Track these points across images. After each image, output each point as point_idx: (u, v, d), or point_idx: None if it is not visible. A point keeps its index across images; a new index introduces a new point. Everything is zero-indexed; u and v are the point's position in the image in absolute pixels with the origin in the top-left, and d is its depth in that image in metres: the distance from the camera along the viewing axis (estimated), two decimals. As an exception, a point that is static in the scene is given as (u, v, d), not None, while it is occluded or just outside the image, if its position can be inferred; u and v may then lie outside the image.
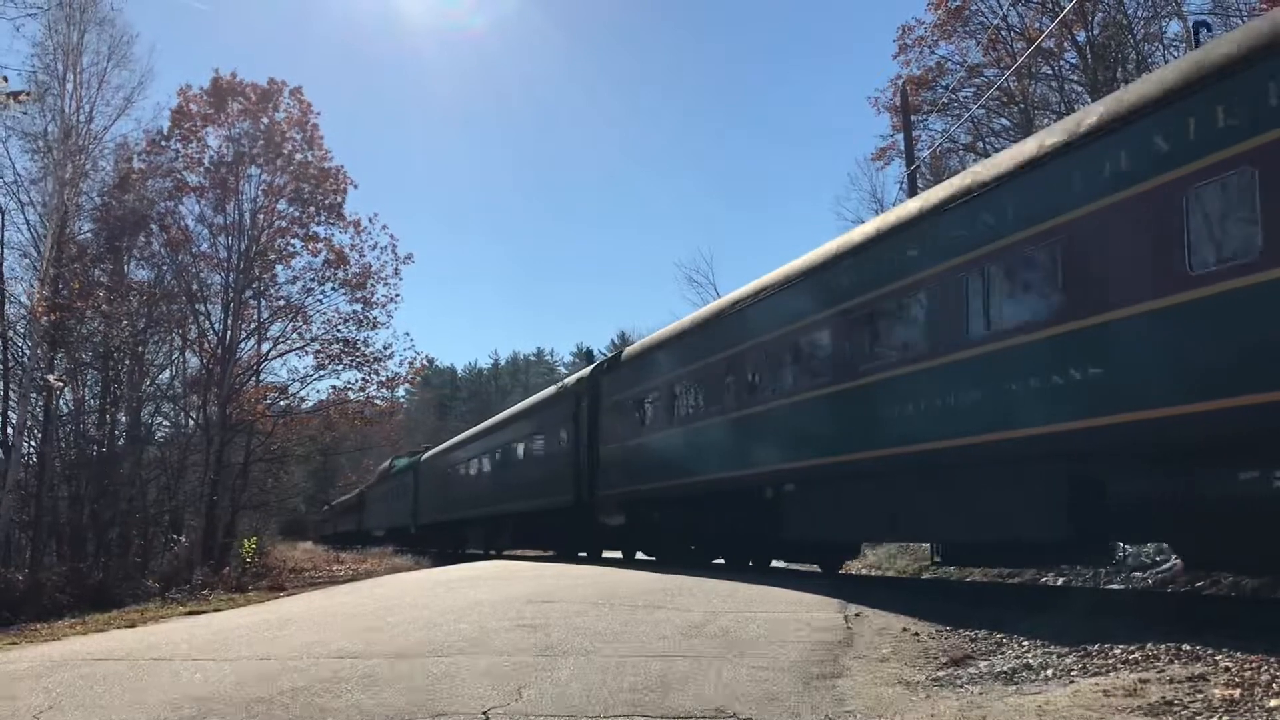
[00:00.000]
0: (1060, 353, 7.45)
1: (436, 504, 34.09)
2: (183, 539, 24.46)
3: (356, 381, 30.73)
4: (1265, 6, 17.50)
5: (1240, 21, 18.85)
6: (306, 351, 30.86)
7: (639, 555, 18.95)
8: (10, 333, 22.55)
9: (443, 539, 33.54)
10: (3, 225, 22.74)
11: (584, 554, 20.79)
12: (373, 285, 30.83)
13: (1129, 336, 6.90)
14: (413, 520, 37.55)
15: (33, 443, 23.49)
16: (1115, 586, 10.94)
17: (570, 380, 21.54)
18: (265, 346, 31.22)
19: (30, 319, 22.14)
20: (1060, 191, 7.50)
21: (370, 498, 50.02)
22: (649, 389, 16.04)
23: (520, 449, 24.29)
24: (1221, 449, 6.56)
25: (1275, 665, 4.68)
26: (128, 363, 26.60)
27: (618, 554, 20.03)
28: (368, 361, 30.40)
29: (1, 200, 23.04)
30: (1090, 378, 7.19)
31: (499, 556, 24.62)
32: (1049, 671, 5.23)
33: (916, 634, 6.77)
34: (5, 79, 14.21)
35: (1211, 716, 4.03)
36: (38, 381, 21.89)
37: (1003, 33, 24.98)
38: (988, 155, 21.85)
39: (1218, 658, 5.00)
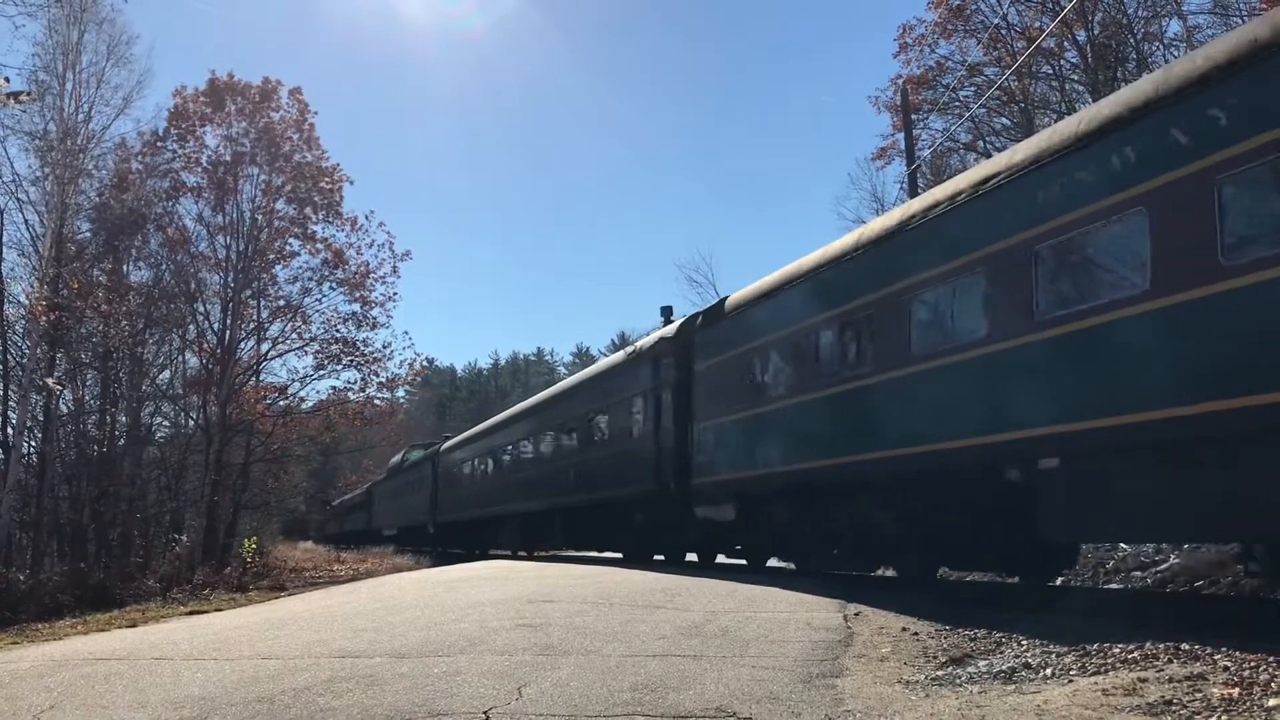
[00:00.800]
0: None
1: (460, 499, 30.55)
2: (183, 539, 24.48)
3: (356, 382, 30.87)
4: (1265, 6, 17.51)
5: (1240, 21, 18.86)
6: (306, 351, 31.00)
7: (722, 559, 15.11)
8: (10, 333, 22.57)
9: (467, 538, 30.58)
10: (1, 225, 22.77)
11: (660, 557, 16.81)
12: (371, 284, 30.98)
13: None
14: (430, 518, 34.34)
15: (33, 443, 23.53)
16: (1114, 586, 10.94)
17: (647, 342, 17.15)
18: (265, 346, 31.36)
19: (30, 319, 22.16)
20: None
21: (379, 494, 46.43)
22: (776, 342, 12.18)
23: (575, 430, 20.14)
24: None
25: (1274, 664, 4.69)
26: (127, 363, 26.63)
27: (722, 559, 15.42)
28: (367, 362, 30.52)
29: (1, 200, 23.07)
30: None
31: (535, 558, 21.59)
32: (1048, 671, 5.24)
33: (916, 633, 6.79)
34: (7, 80, 14.20)
35: (1211, 716, 4.04)
36: (38, 382, 21.90)
37: (1003, 32, 25.02)
38: (989, 155, 21.90)
39: (1217, 657, 5.01)
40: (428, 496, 34.81)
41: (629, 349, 18.42)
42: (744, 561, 14.30)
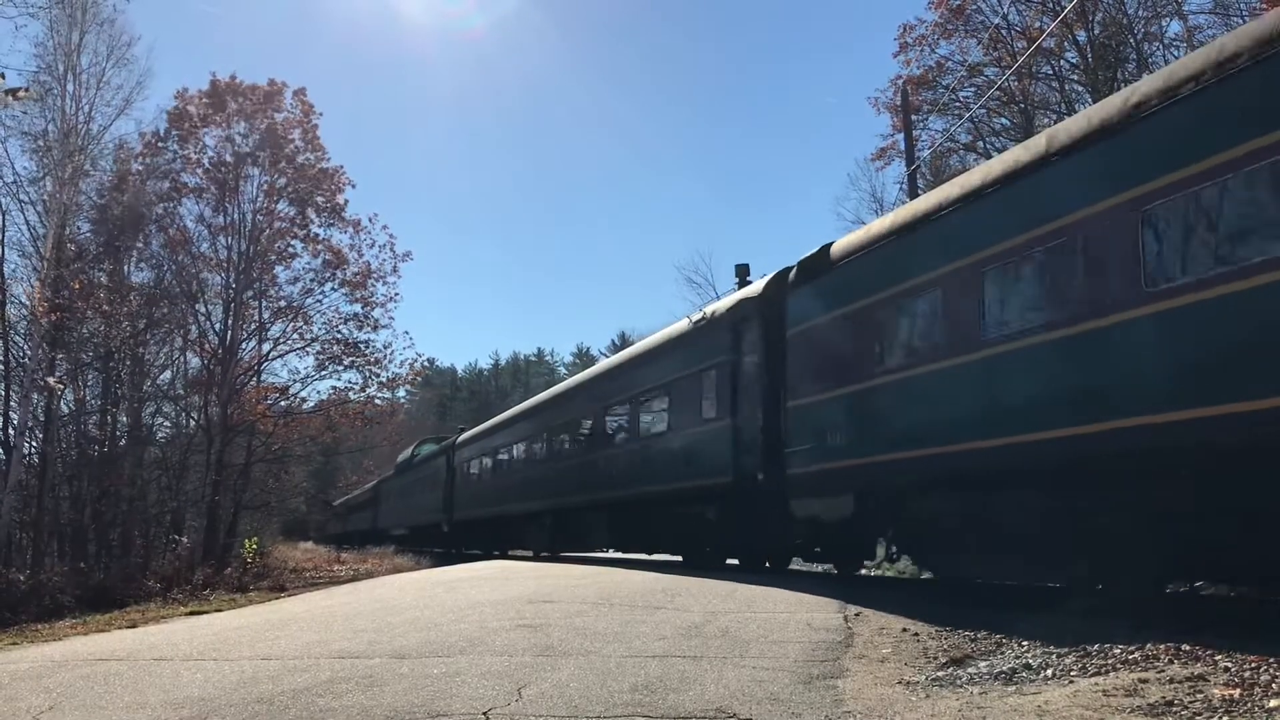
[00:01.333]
0: None
1: (481, 495, 28.07)
2: (184, 539, 24.47)
3: (357, 382, 30.87)
4: (1265, 6, 17.50)
5: (1241, 21, 18.85)
6: (307, 352, 30.99)
7: (799, 566, 13.23)
8: (11, 333, 22.58)
9: (488, 538, 28.20)
10: (3, 225, 22.77)
11: (734, 561, 14.13)
12: (373, 285, 30.97)
13: None
14: (445, 516, 31.90)
15: (34, 443, 23.52)
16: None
17: (721, 305, 14.56)
18: (266, 347, 31.33)
19: (31, 319, 22.17)
20: None
21: (387, 492, 44.11)
22: (926, 287, 9.42)
23: (624, 414, 17.64)
24: None
25: (1275, 665, 4.69)
26: (128, 363, 26.64)
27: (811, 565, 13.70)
28: (369, 363, 30.50)
29: (2, 200, 23.07)
30: None
31: (560, 559, 19.76)
32: (1049, 671, 5.23)
33: (916, 634, 6.78)
34: (2, 75, 14.16)
35: (1211, 716, 4.04)
36: (39, 382, 21.91)
37: (1003, 32, 25.02)
38: (989, 156, 21.89)
39: (1217, 658, 5.01)
40: (442, 493, 32.58)
41: (696, 316, 15.18)
42: (830, 567, 12.40)
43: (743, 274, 16.83)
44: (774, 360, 12.34)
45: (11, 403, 22.37)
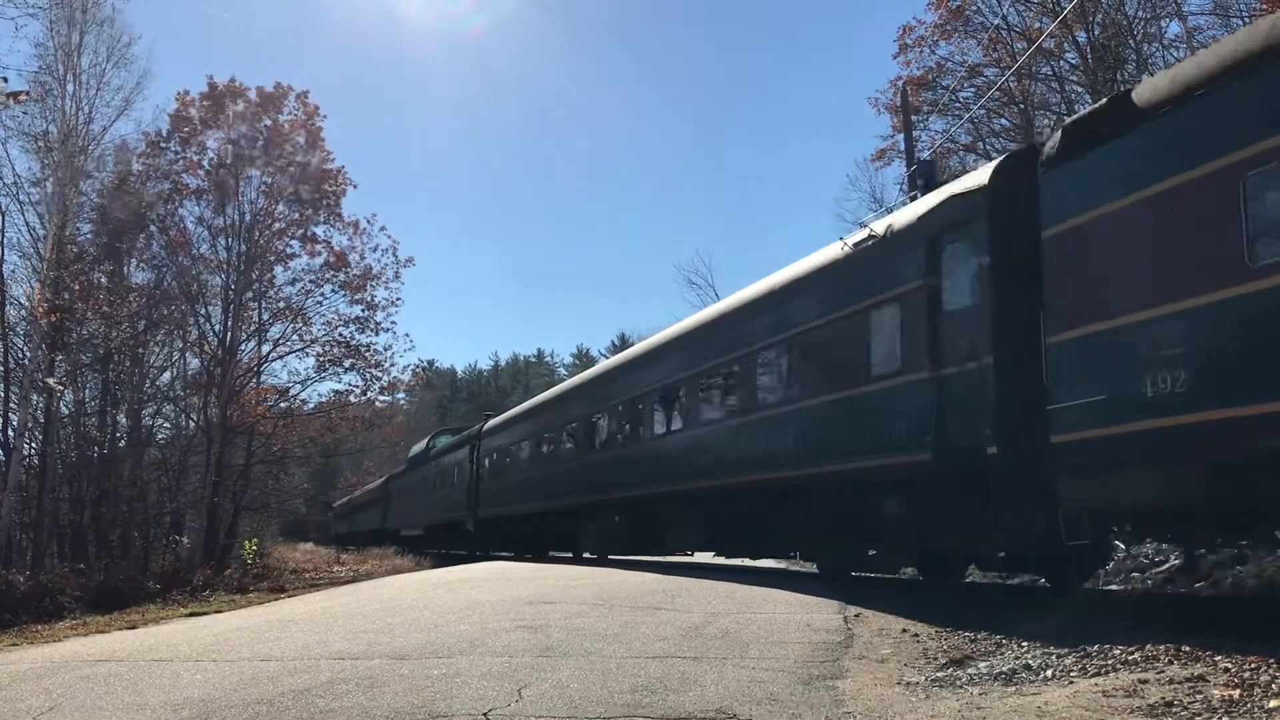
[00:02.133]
0: None
1: (517, 488, 24.32)
2: (184, 540, 24.49)
3: (358, 385, 30.91)
4: (1266, 8, 17.51)
5: (1241, 22, 18.87)
6: (307, 353, 31.01)
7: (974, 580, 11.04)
8: (11, 334, 22.59)
9: (524, 537, 24.80)
10: (3, 226, 22.77)
11: (911, 570, 11.86)
12: (372, 288, 30.96)
13: None
14: (469, 513, 28.77)
15: (34, 444, 23.53)
16: (1115, 587, 10.94)
17: (908, 213, 10.48)
18: (265, 348, 31.35)
19: (31, 320, 22.18)
20: None
21: (398, 489, 41.23)
22: None
23: (736, 377, 13.38)
24: None
25: (1275, 665, 4.69)
26: (128, 364, 26.67)
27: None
28: (370, 366, 30.54)
29: (2, 201, 23.07)
30: None
31: (606, 563, 17.09)
32: (1048, 672, 5.24)
33: (916, 635, 6.78)
34: (5, 79, 14.21)
35: (1211, 717, 4.04)
36: (38, 383, 21.92)
37: (1003, 33, 25.03)
38: (989, 156, 21.90)
39: (1217, 658, 5.01)
40: (465, 487, 29.30)
41: (857, 235, 11.07)
42: (1039, 579, 9.97)
43: (924, 177, 12.36)
44: (1013, 277, 8.49)
45: (11, 404, 22.39)
